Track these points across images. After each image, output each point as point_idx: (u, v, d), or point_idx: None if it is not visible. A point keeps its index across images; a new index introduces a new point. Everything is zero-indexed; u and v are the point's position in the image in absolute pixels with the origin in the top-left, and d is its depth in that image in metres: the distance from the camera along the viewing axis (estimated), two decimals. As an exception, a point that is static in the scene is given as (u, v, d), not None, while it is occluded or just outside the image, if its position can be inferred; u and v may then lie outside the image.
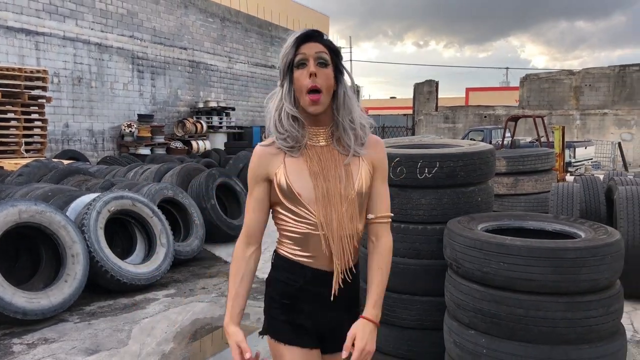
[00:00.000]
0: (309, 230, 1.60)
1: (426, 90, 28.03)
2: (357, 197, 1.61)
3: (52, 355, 3.57)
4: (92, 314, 4.33)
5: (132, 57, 16.15)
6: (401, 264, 3.21)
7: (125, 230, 5.41)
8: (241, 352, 1.61)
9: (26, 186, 6.00)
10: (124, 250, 5.34)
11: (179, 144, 16.81)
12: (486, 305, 2.56)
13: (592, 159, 18.77)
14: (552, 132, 12.58)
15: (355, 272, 1.69)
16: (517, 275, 2.46)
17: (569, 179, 12.25)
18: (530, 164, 6.32)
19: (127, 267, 4.82)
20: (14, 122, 10.60)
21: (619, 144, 21.37)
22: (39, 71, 11.26)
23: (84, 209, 4.86)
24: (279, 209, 1.65)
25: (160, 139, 15.98)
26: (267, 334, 1.74)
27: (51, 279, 4.39)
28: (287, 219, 1.63)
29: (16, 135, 10.61)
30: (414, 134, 27.47)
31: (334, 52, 1.61)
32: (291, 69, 1.57)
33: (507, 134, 16.11)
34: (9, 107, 10.40)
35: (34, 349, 3.67)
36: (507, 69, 63.58)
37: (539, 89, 25.68)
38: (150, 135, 15.60)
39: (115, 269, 4.64)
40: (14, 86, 10.40)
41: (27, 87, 10.70)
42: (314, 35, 1.59)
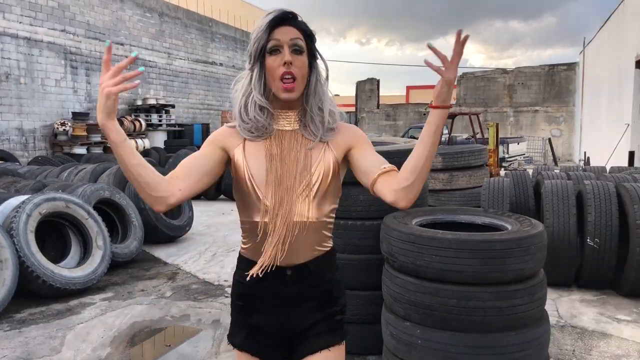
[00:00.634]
0: (257, 219, 1.51)
1: (368, 88, 28.45)
2: (314, 183, 1.50)
3: (-21, 366, 3.41)
4: (22, 321, 4.15)
5: (64, 52, 15.50)
6: (341, 259, 3.25)
7: (58, 233, 5.21)
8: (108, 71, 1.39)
9: (-51, 189, 5.66)
10: (58, 253, 5.15)
11: (117, 143, 16.27)
12: (420, 297, 2.66)
13: (524, 154, 19.65)
14: (487, 129, 13.07)
15: (314, 269, 1.57)
16: (448, 267, 2.57)
17: (503, 173, 12.73)
18: (464, 160, 6.56)
19: (61, 271, 4.65)
20: None
21: (549, 139, 22.47)
22: (-39, 67, 10.63)
23: (13, 211, 4.64)
24: (236, 197, 1.58)
25: (96, 138, 15.42)
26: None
27: (-23, 286, 4.17)
28: (241, 206, 1.56)
29: (-63, 134, 9.98)
30: (356, 131, 27.79)
31: (309, 36, 1.52)
32: (263, 54, 1.48)
33: (445, 131, 16.61)
34: None
35: (-41, 360, 3.49)
36: (445, 67, 65.32)
37: (475, 87, 26.60)
38: (86, 134, 15.04)
39: (47, 273, 4.46)
40: None
41: (-52, 83, 10.08)
42: (288, 17, 1.48)
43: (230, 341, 1.65)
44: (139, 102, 18.22)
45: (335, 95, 1.65)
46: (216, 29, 23.36)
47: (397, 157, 3.28)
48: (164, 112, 18.88)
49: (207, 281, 5.21)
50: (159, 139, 18.28)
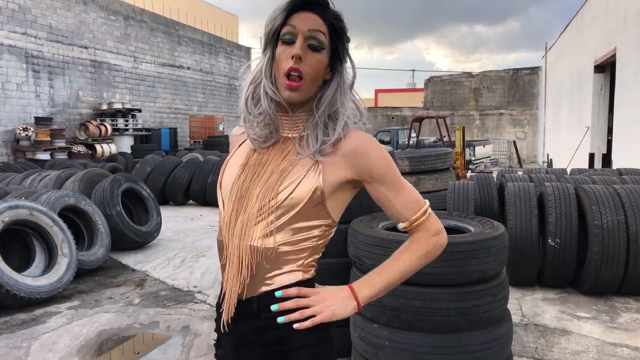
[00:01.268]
0: (221, 236, 1.28)
1: (336, 91, 28.61)
2: (275, 206, 1.19)
3: (-61, 379, 3.32)
4: (-15, 332, 4.05)
5: (25, 55, 15.15)
6: (333, 264, 3.30)
7: (22, 241, 5.10)
8: None
9: None
10: (22, 262, 5.04)
11: (82, 148, 16.00)
12: (387, 299, 2.71)
13: (490, 156, 20.08)
14: (454, 132, 13.31)
15: (259, 308, 1.22)
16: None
17: (469, 176, 12.98)
18: (430, 163, 6.68)
19: (25, 280, 4.56)
20: None
21: (514, 142, 23.02)
22: None
23: (-26, 220, 4.53)
24: None
25: (60, 143, 15.11)
26: None
27: (-63, 298, 4.06)
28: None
29: None
30: (325, 134, 27.91)
31: (337, 32, 1.23)
32: (277, 39, 1.23)
33: (413, 134, 16.86)
34: None
35: None
36: (413, 71, 66.25)
37: (442, 91, 27.06)
38: (49, 139, 14.72)
39: (10, 282, 4.37)
40: None
41: None
42: (315, 3, 1.22)
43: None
44: (105, 107, 17.92)
45: None
46: (183, 33, 23.16)
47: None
48: (130, 116, 18.62)
49: (176, 287, 5.17)
50: (126, 144, 18.01)
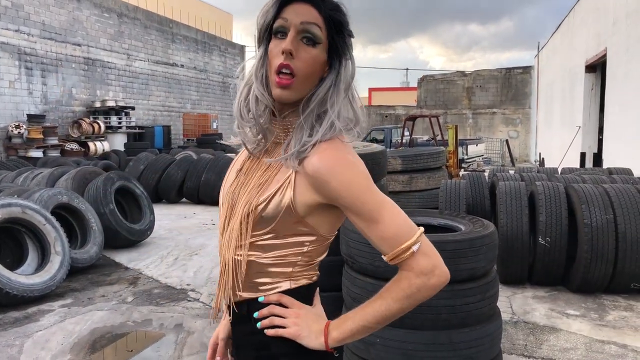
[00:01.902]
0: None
1: (330, 90, 28.64)
2: (253, 220, 1.12)
3: None
4: (-22, 330, 4.06)
5: (18, 52, 15.08)
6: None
7: (15, 239, 5.10)
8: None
9: None
10: (15, 260, 5.04)
11: (75, 146, 15.94)
12: (378, 296, 2.75)
13: (483, 155, 20.17)
14: (447, 131, 13.37)
15: (255, 310, 1.18)
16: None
17: (462, 174, 13.04)
18: (423, 162, 6.73)
19: (18, 278, 4.56)
20: None
21: (507, 141, 23.13)
22: None
23: (-33, 218, 4.53)
24: None
25: (53, 141, 15.06)
26: None
27: None
28: None
29: None
30: (319, 133, 27.94)
31: (336, 24, 1.11)
32: (270, 33, 1.13)
33: (406, 133, 16.91)
34: None
35: None
36: (407, 69, 66.38)
37: (435, 90, 27.14)
38: (42, 136, 14.67)
39: (3, 281, 4.37)
40: None
41: None
42: None
43: None
44: (98, 104, 17.87)
45: None
46: (177, 30, 23.11)
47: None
48: (123, 114, 18.58)
49: (169, 285, 5.19)
50: (119, 142, 17.97)
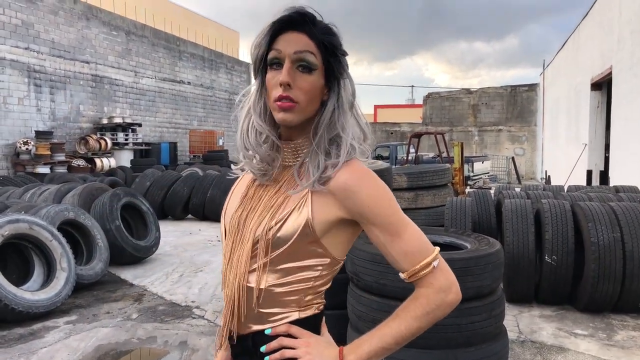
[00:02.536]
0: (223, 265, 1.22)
1: (336, 107, 28.78)
2: (266, 244, 1.10)
3: (-64, 393, 3.32)
4: (-17, 346, 4.06)
5: (28, 70, 15.27)
6: None
7: (21, 254, 5.12)
8: None
9: None
10: (20, 276, 5.05)
11: (82, 162, 16.05)
12: (384, 315, 2.70)
13: (489, 172, 20.14)
14: (453, 148, 13.37)
15: (261, 343, 1.14)
16: (409, 285, 2.65)
17: (468, 191, 13.01)
18: (428, 179, 6.73)
19: (23, 294, 4.57)
20: None
21: (513, 158, 23.10)
22: None
23: (-26, 234, 4.55)
24: None
25: (60, 157, 15.17)
26: None
27: None
28: None
29: None
30: (324, 149, 28.03)
31: (329, 48, 1.11)
32: (264, 65, 1.13)
33: (412, 150, 16.93)
34: None
35: None
36: (412, 87, 66.70)
37: (441, 107, 27.22)
38: (49, 153, 14.78)
39: (9, 297, 4.38)
40: None
41: None
42: (300, 21, 1.10)
43: None
44: (105, 121, 18.02)
45: None
46: (184, 48, 23.36)
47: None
48: (130, 130, 18.72)
49: (174, 302, 5.18)
50: (125, 158, 18.08)
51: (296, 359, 1.10)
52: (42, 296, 4.70)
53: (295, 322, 1.15)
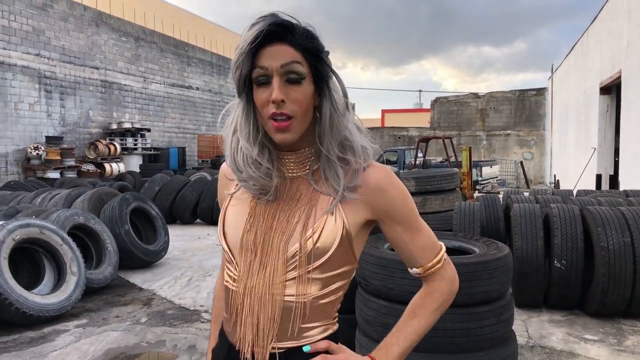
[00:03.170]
0: (230, 284, 1.17)
1: (343, 111, 28.80)
2: (305, 257, 1.08)
3: (-51, 396, 3.35)
4: (-6, 349, 4.10)
5: (38, 76, 15.42)
6: None
7: (32, 259, 5.17)
8: None
9: None
10: (31, 280, 5.09)
11: (91, 167, 16.16)
12: (392, 320, 2.72)
13: (497, 177, 20.06)
14: (461, 152, 13.34)
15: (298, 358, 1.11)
16: (417, 289, 2.66)
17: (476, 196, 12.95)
18: (436, 184, 6.73)
19: (34, 298, 4.61)
20: None
21: (521, 162, 23.01)
22: None
23: (-14, 238, 4.60)
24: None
25: (70, 162, 15.29)
26: None
27: (-52, 315, 4.12)
28: (224, 266, 1.24)
29: None
30: (332, 154, 28.05)
31: (312, 52, 1.07)
32: (250, 85, 1.08)
33: (420, 155, 16.91)
34: None
35: None
36: (420, 91, 66.65)
37: (449, 111, 27.16)
38: (59, 158, 14.90)
39: (20, 300, 4.42)
40: None
41: None
42: (279, 32, 1.04)
43: None
44: (114, 126, 18.15)
45: None
46: (192, 54, 23.50)
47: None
48: (139, 135, 18.83)
49: (183, 306, 5.20)
50: (134, 163, 18.18)
51: None
52: (52, 300, 4.74)
53: (330, 337, 1.14)
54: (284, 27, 1.04)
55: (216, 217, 9.05)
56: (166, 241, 7.23)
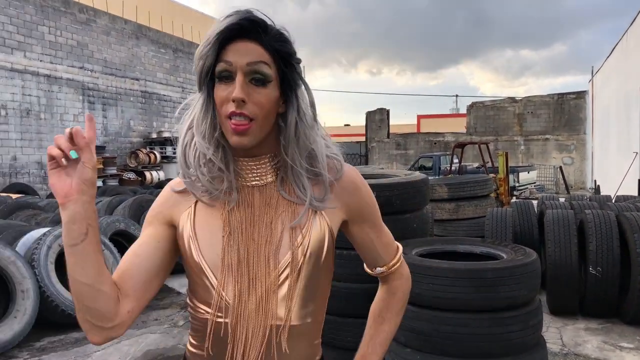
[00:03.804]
0: (209, 316, 1.03)
1: (378, 118, 28.78)
2: (297, 268, 1.02)
3: (1, 392, 3.57)
4: (42, 349, 4.32)
5: (82, 88, 16.03)
6: (344, 288, 3.42)
7: (76, 264, 5.41)
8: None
9: (-27, 222, 5.92)
10: (75, 284, 5.33)
11: (132, 175, 16.67)
12: (418, 324, 2.79)
13: (535, 182, 19.67)
14: (497, 158, 13.16)
15: None
16: (443, 294, 2.71)
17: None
18: (470, 190, 6.70)
19: (78, 301, 4.83)
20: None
21: (561, 167, 22.49)
22: (-15, 104, 11.07)
23: (34, 244, 4.86)
24: (188, 284, 1.12)
25: (112, 170, 15.82)
26: None
27: (0, 316, 4.36)
28: (191, 297, 1.10)
29: (-40, 169, 10.35)
30: (367, 161, 28.05)
31: (283, 56, 1.01)
32: (211, 77, 1.01)
33: (455, 160, 16.75)
34: (-47, 140, 10.17)
35: (-19, 387, 3.65)
36: (456, 96, 65.92)
37: (485, 116, 26.80)
38: (102, 166, 15.44)
39: (67, 303, 4.65)
40: (-41, 119, 10.20)
41: (-28, 120, 10.50)
42: (251, 29, 0.98)
43: None
44: (154, 135, 18.67)
45: (345, 125, 1.17)
46: (229, 63, 23.95)
47: (396, 190, 3.46)
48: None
49: (219, 311, 5.34)
50: (174, 171, 18.65)
51: None
52: (95, 303, 4.95)
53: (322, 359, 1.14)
54: (256, 24, 0.98)
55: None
56: (203, 247, 7.42)
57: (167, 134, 18.81)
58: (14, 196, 9.05)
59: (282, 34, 1.01)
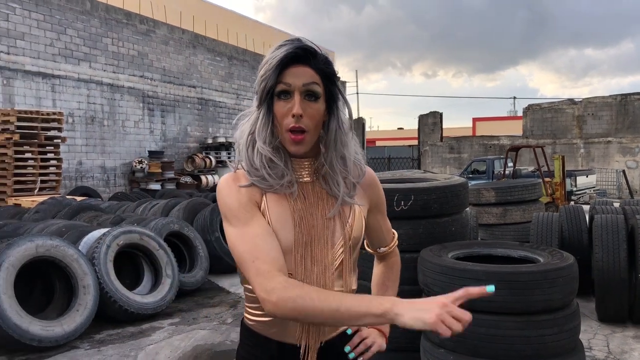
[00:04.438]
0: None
1: (431, 121, 28.48)
2: (351, 247, 1.30)
3: (64, 379, 3.86)
4: (101, 341, 4.63)
5: (142, 96, 16.77)
6: None
7: (133, 262, 5.74)
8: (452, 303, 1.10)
9: (42, 222, 6.39)
10: (132, 281, 5.66)
11: (189, 179, 17.26)
12: (452, 324, 2.84)
13: (594, 187, 18.93)
14: (553, 161, 12.81)
15: (340, 344, 1.33)
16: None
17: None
18: (518, 194, 6.61)
19: (135, 297, 5.14)
20: (31, 162, 11.07)
21: (624, 171, 21.54)
22: (54, 113, 11.79)
23: (95, 243, 5.21)
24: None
25: (170, 174, 16.44)
26: None
27: (64, 309, 4.71)
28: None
29: (33, 174, 11.07)
30: (419, 165, 27.81)
31: (328, 77, 1.26)
32: (271, 96, 1.24)
33: (509, 164, 16.39)
34: (26, 147, 10.90)
35: (47, 373, 3.96)
36: (514, 98, 64.15)
37: (542, 119, 26.02)
38: (160, 170, 16.08)
39: (123, 299, 4.96)
40: (31, 128, 10.90)
41: (43, 128, 11.19)
42: (303, 56, 1.23)
43: None
44: (210, 141, 19.26)
45: (398, 128, 1.57)
46: (282, 69, 24.33)
47: (434, 194, 3.52)
48: (232, 149, 19.75)
49: (266, 310, 5.52)
50: (227, 175, 19.15)
51: (371, 345, 1.38)
52: (150, 299, 5.25)
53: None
54: (307, 52, 1.24)
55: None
56: (253, 249, 7.64)
57: (221, 139, 19.35)
58: (79, 198, 9.62)
59: (326, 58, 1.28)
